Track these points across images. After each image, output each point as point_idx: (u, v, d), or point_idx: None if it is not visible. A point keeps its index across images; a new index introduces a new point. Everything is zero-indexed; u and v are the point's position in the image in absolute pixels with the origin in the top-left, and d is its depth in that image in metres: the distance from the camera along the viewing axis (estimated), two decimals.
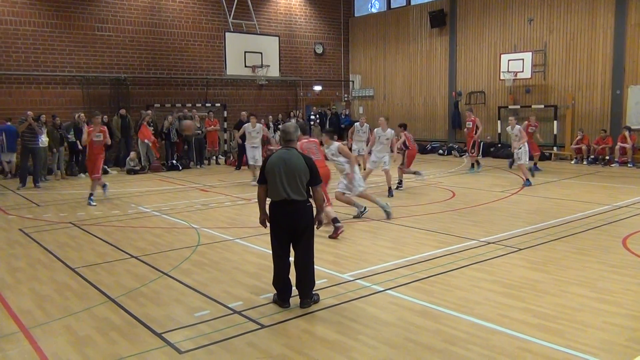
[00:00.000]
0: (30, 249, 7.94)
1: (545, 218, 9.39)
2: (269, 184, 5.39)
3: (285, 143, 5.55)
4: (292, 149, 5.50)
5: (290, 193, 5.30)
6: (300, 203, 5.36)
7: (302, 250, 5.44)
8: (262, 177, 5.45)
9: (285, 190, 5.29)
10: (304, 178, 5.35)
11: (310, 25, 24.68)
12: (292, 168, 5.32)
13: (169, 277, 6.44)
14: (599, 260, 6.85)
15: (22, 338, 4.75)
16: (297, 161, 5.37)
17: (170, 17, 20.47)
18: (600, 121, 18.09)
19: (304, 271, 5.43)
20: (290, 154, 5.41)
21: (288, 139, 5.53)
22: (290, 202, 5.31)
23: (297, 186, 5.32)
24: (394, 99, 24.74)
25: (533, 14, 19.60)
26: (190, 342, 4.60)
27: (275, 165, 5.34)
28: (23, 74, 17.54)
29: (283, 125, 5.77)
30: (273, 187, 5.35)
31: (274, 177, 5.32)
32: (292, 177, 5.31)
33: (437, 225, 9.05)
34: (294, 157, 5.39)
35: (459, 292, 5.71)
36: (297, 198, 5.32)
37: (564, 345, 4.42)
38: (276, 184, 5.31)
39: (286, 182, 5.29)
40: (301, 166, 5.35)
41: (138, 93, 19.82)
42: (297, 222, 5.38)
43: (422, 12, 23.24)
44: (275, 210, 5.41)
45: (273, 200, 5.42)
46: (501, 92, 20.83)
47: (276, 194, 5.35)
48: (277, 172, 5.31)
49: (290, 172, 5.31)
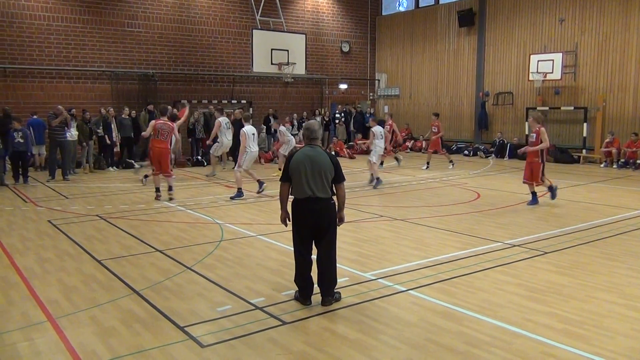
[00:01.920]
0: (58, 240, 8.10)
1: (572, 222, 9.22)
2: (293, 181, 5.35)
3: (310, 141, 5.51)
4: (317, 146, 5.47)
5: (316, 190, 5.26)
6: (325, 201, 5.32)
7: (324, 248, 5.39)
8: (286, 174, 5.40)
9: (310, 187, 5.25)
10: (329, 175, 5.32)
11: (337, 24, 24.64)
12: (318, 165, 5.27)
13: (193, 271, 6.51)
14: (627, 265, 6.70)
15: (50, 327, 4.85)
16: (323, 158, 5.34)
17: (198, 14, 20.65)
18: (632, 124, 17.67)
19: (326, 269, 5.39)
20: (315, 152, 5.37)
21: (312, 137, 5.49)
22: (315, 199, 5.27)
23: (322, 184, 5.29)
24: (419, 98, 24.56)
25: (564, 14, 19.24)
26: (212, 336, 4.64)
27: (300, 162, 5.29)
28: (55, 69, 17.90)
29: (307, 123, 5.72)
30: (298, 184, 5.31)
31: (299, 175, 5.27)
32: (317, 174, 5.27)
33: (462, 226, 8.96)
34: (319, 155, 5.35)
35: (482, 294, 5.65)
36: (322, 196, 5.29)
37: (589, 351, 4.33)
38: (301, 181, 5.27)
39: (311, 179, 5.25)
40: (327, 163, 5.31)
41: (166, 89, 20.06)
42: (321, 220, 5.33)
43: (450, 11, 23.01)
44: (299, 207, 5.36)
45: (297, 198, 5.38)
46: (529, 93, 20.51)
47: (301, 192, 5.30)
48: (303, 169, 5.26)
49: (316, 169, 5.26)
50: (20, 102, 17.11)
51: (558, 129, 19.58)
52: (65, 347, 4.45)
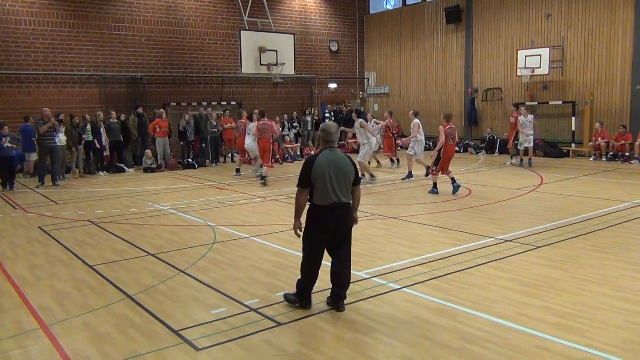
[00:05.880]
0: (49, 246, 8.04)
1: (564, 215, 9.28)
2: (316, 187, 5.04)
3: (327, 143, 5.23)
4: (336, 149, 5.24)
5: (341, 196, 5.06)
6: (348, 205, 5.17)
7: (344, 252, 5.23)
8: (308, 179, 5.05)
9: (335, 193, 5.03)
10: (351, 178, 5.16)
11: (325, 23, 24.65)
12: (342, 169, 5.07)
13: (186, 274, 6.48)
14: (618, 258, 6.75)
15: (42, 334, 4.81)
16: (345, 162, 5.14)
17: (185, 16, 20.57)
18: (620, 117, 17.82)
19: (346, 274, 5.24)
20: (336, 155, 5.14)
21: (329, 139, 5.23)
22: (339, 205, 5.06)
23: (346, 188, 5.12)
24: (409, 96, 24.63)
25: (551, 9, 19.36)
26: (207, 339, 4.62)
27: (324, 167, 5.02)
28: (42, 74, 17.75)
29: (324, 124, 5.36)
30: (322, 190, 5.02)
31: (324, 180, 5.01)
32: (342, 178, 5.07)
33: (454, 222, 8.99)
34: (341, 158, 5.14)
35: (476, 290, 5.67)
36: (346, 200, 5.12)
37: (583, 344, 4.36)
38: (326, 187, 5.01)
39: (336, 184, 5.03)
40: (349, 167, 5.14)
41: (154, 92, 19.96)
42: (343, 226, 5.15)
43: (437, 8, 23.08)
44: (321, 215, 5.07)
45: (317, 204, 5.08)
46: (518, 89, 20.62)
47: (325, 198, 5.04)
48: (328, 174, 5.01)
49: (340, 173, 5.06)
50: (7, 108, 16.99)
51: (547, 123, 19.71)
52: (58, 354, 4.41)
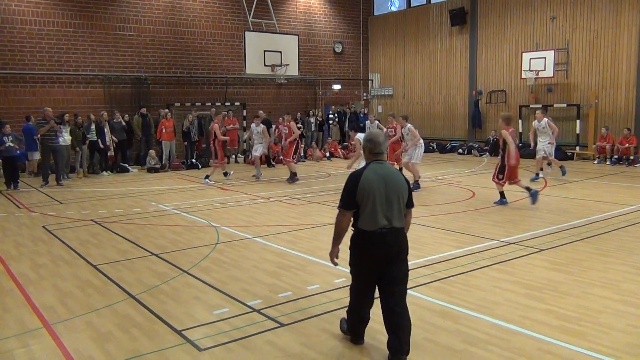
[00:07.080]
0: (52, 245, 8.06)
1: (568, 218, 9.25)
2: (362, 209, 4.19)
3: (374, 156, 4.32)
4: (385, 161, 4.34)
5: (392, 219, 4.18)
6: (401, 231, 4.28)
7: (399, 290, 4.31)
8: (352, 199, 4.19)
9: (385, 216, 4.16)
10: (405, 198, 4.29)
11: (329, 24, 24.66)
12: (394, 187, 4.21)
13: (189, 274, 6.49)
14: (622, 261, 6.73)
15: (45, 334, 4.82)
16: (398, 178, 4.28)
17: (190, 16, 20.61)
18: (625, 120, 17.76)
19: (405, 319, 4.24)
20: (388, 170, 4.27)
21: (378, 150, 4.31)
22: (391, 231, 4.18)
23: (399, 210, 4.23)
24: (413, 98, 24.61)
25: (556, 11, 19.32)
26: (210, 339, 4.63)
27: (373, 184, 4.15)
28: (47, 74, 17.81)
29: (369, 133, 4.46)
30: (369, 212, 4.16)
31: (373, 201, 4.15)
32: (395, 199, 4.20)
33: (457, 225, 8.97)
34: (393, 174, 4.27)
35: (479, 293, 5.66)
36: (398, 225, 4.23)
37: (586, 347, 4.35)
38: (375, 209, 4.15)
39: (387, 205, 4.17)
40: (403, 184, 4.29)
41: (159, 92, 20.00)
42: (395, 256, 4.24)
43: (442, 10, 23.06)
44: (368, 242, 4.22)
45: (363, 230, 4.23)
46: (522, 91, 20.58)
47: (372, 222, 4.17)
48: (378, 193, 4.15)
49: (392, 192, 4.19)
50: (12, 108, 17.06)
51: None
52: (61, 353, 4.42)
